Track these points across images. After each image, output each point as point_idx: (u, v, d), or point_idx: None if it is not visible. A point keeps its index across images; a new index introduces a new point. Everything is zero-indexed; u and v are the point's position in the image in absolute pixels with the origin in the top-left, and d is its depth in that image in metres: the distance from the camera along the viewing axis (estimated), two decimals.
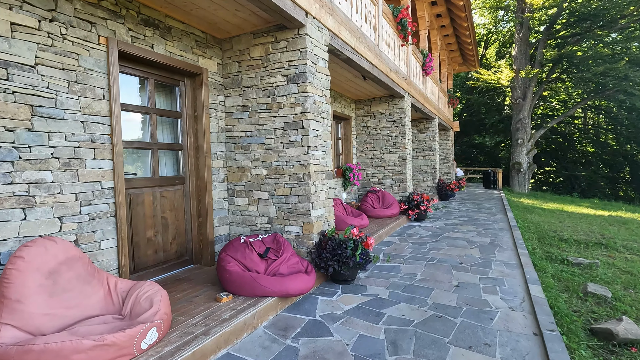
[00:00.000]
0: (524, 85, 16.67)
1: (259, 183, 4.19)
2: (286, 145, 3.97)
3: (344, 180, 7.78)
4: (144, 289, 2.57)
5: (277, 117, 4.01)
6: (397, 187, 8.16)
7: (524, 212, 9.97)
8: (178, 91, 4.02)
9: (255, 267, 3.40)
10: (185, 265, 4.06)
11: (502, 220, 7.89)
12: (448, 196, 11.97)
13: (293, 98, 3.89)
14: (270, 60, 4.02)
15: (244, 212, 4.33)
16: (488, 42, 25.99)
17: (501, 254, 5.07)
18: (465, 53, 15.53)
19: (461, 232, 6.67)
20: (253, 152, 4.21)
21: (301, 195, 3.90)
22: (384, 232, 6.20)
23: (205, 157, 4.08)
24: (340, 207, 6.67)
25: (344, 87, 7.27)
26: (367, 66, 5.56)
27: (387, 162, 8.24)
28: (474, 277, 4.11)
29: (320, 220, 4.02)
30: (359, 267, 3.83)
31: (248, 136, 4.23)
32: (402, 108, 8.00)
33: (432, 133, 11.98)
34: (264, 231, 4.20)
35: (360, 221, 6.31)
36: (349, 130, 8.26)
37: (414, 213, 7.66)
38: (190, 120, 4.10)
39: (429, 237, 6.22)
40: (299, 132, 3.88)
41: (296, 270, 3.52)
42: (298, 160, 3.90)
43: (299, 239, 3.97)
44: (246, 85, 4.21)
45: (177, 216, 3.96)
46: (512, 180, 17.62)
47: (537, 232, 6.89)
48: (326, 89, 4.21)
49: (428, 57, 9.80)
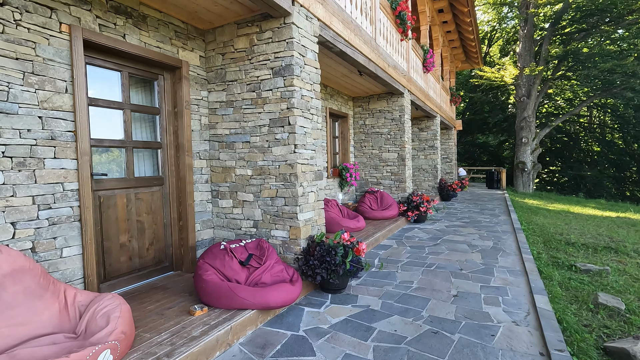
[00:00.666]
0: (529, 82, 16.29)
1: (244, 184, 3.91)
2: (272, 143, 3.69)
3: (340, 180, 7.49)
4: (103, 303, 2.30)
5: (263, 113, 3.73)
6: (396, 188, 7.86)
7: (529, 213, 9.63)
8: (156, 86, 3.75)
9: (235, 276, 3.12)
10: (165, 272, 3.80)
11: (506, 222, 7.57)
12: (450, 196, 11.65)
13: (279, 93, 3.61)
14: (255, 52, 3.74)
15: (228, 215, 4.05)
16: (492, 39, 25.56)
17: (504, 260, 4.77)
18: (468, 50, 15.18)
19: (462, 234, 6.37)
20: (237, 150, 3.93)
21: (288, 197, 3.62)
22: (380, 235, 5.90)
23: (186, 156, 3.80)
24: (335, 208, 6.39)
25: (340, 84, 6.99)
26: (362, 60, 5.27)
27: (385, 161, 7.94)
28: (475, 285, 3.81)
29: (308, 224, 3.74)
30: (350, 275, 3.54)
31: (232, 134, 3.95)
32: (402, 105, 7.70)
33: (434, 132, 11.67)
34: (249, 236, 3.92)
35: (357, 223, 6.02)
36: (346, 128, 7.97)
37: (413, 214, 7.36)
38: (169, 117, 3.82)
39: (428, 241, 5.92)
40: (285, 129, 3.60)
41: (280, 280, 3.24)
42: (284, 159, 3.62)
43: (286, 245, 3.69)
44: (230, 80, 3.93)
45: (155, 219, 3.69)
46: (516, 180, 17.25)
47: (542, 235, 6.57)
48: (316, 83, 3.93)
49: (429, 53, 9.48)
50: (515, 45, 20.85)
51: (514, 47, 21.10)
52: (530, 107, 16.28)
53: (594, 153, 23.18)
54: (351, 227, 5.92)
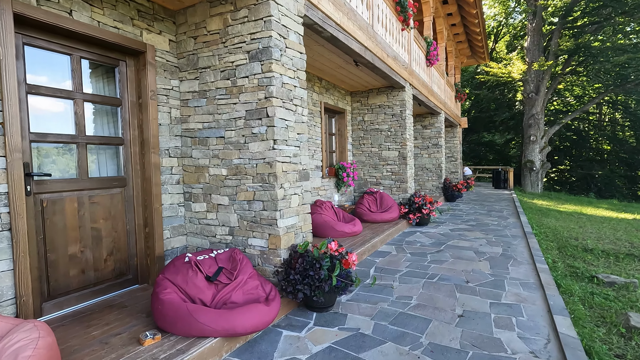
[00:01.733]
0: (537, 78, 15.66)
1: (218, 185, 3.43)
2: (249, 138, 3.21)
3: (337, 180, 7.00)
4: (16, 337, 1.83)
5: (238, 104, 3.25)
6: (397, 188, 7.35)
7: (539, 215, 9.07)
8: (117, 73, 3.28)
9: (199, 294, 2.64)
10: (127, 286, 3.33)
11: (515, 226, 7.03)
12: (455, 197, 11.11)
13: (256, 80, 3.12)
14: (230, 34, 3.25)
15: (202, 221, 3.58)
16: (498, 35, 24.88)
17: (516, 270, 4.25)
18: (474, 44, 14.59)
19: (468, 239, 5.85)
20: (211, 147, 3.45)
21: (266, 200, 3.13)
22: (378, 241, 5.40)
23: (152, 153, 3.33)
24: (330, 211, 5.89)
25: (336, 77, 6.49)
26: (357, 48, 4.76)
27: (386, 160, 7.43)
28: (483, 302, 3.30)
29: (291, 232, 3.25)
30: (338, 291, 3.05)
31: (205, 128, 3.48)
32: (403, 100, 7.18)
33: (438, 129, 11.13)
34: (224, 244, 3.44)
35: (352, 227, 5.52)
36: (343, 125, 7.47)
37: (415, 217, 6.84)
38: (133, 109, 3.35)
39: (431, 246, 5.41)
40: (262, 122, 3.11)
41: (254, 298, 2.75)
42: (262, 157, 3.13)
43: (264, 255, 3.20)
44: (203, 66, 3.45)
45: (115, 226, 3.23)
46: (523, 179, 16.63)
47: (556, 240, 6.03)
48: (300, 70, 3.43)
49: (433, 46, 8.95)
50: (523, 40, 20.19)
51: (522, 42, 20.44)
52: (539, 103, 15.65)
53: (604, 151, 22.45)
54: (346, 231, 5.43)
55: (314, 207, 5.78)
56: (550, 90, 15.98)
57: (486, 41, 14.31)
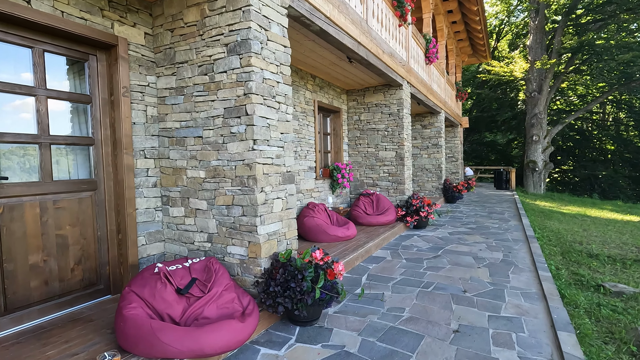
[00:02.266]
0: (540, 77, 15.37)
1: (196, 189, 3.20)
2: (227, 138, 2.97)
3: (331, 182, 6.76)
4: None
5: (216, 101, 3.01)
6: (394, 190, 7.10)
7: (541, 217, 8.80)
8: (87, 68, 3.06)
9: (167, 309, 2.41)
10: (98, 297, 3.10)
11: (517, 229, 6.77)
12: (455, 198, 10.85)
13: (234, 75, 2.89)
14: (207, 26, 3.02)
15: (179, 226, 3.35)
16: (500, 34, 24.59)
17: (517, 277, 4.00)
18: (475, 42, 14.33)
19: (467, 244, 5.59)
20: (189, 147, 3.22)
21: (246, 205, 2.90)
22: (373, 245, 5.16)
23: (125, 154, 3.10)
24: (323, 214, 5.66)
25: (330, 74, 6.25)
26: (350, 43, 4.52)
27: (382, 160, 7.18)
28: (481, 315, 3.05)
29: (273, 239, 3.01)
30: (322, 304, 2.81)
31: (183, 127, 3.24)
32: (400, 98, 6.93)
33: (438, 129, 10.88)
34: (202, 252, 3.21)
35: (346, 231, 5.28)
36: (338, 124, 7.23)
37: (412, 220, 6.59)
38: (105, 107, 3.12)
39: (428, 251, 5.16)
40: (241, 120, 2.87)
41: (229, 313, 2.52)
42: (241, 158, 2.90)
43: (244, 265, 2.97)
44: (180, 61, 3.22)
45: (84, 233, 3.00)
46: (526, 180, 16.35)
47: (559, 245, 5.77)
48: (284, 65, 3.20)
49: (432, 43, 8.70)
50: (526, 39, 19.89)
51: (524, 40, 20.13)
52: (542, 103, 15.36)
53: (608, 151, 22.10)
54: (339, 235, 5.19)
55: (306, 209, 5.55)
56: (553, 89, 15.69)
57: (488, 39, 14.04)
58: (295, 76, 5.70)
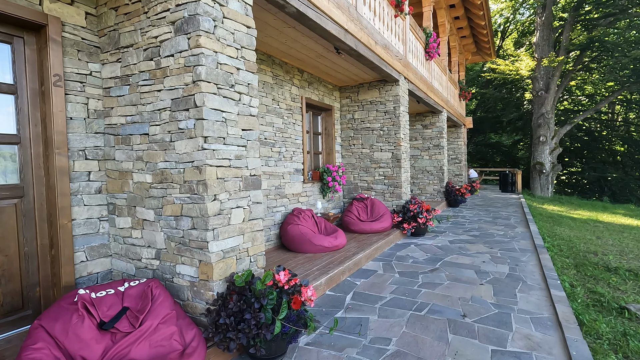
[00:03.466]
0: (547, 75, 14.76)
1: (143, 195, 2.70)
2: (175, 135, 2.47)
3: (322, 185, 6.24)
4: None
5: (163, 90, 2.52)
6: (390, 194, 6.57)
7: (550, 223, 8.21)
8: (11, 52, 2.57)
9: (82, 350, 1.90)
10: (24, 325, 2.60)
11: (524, 236, 6.20)
12: (458, 202, 10.28)
13: (182, 59, 2.39)
14: (152, 1, 2.53)
15: (127, 240, 2.85)
16: (505, 32, 23.97)
17: (526, 297, 3.45)
18: (479, 39, 13.77)
19: (469, 254, 5.04)
20: (135, 147, 2.72)
21: (195, 216, 2.39)
22: (363, 256, 4.63)
23: (57, 155, 2.61)
24: (309, 221, 5.14)
25: (318, 68, 5.74)
26: (335, 30, 4.02)
27: (378, 162, 6.65)
28: (483, 350, 2.52)
29: (230, 257, 2.50)
30: (286, 338, 2.29)
31: (129, 123, 2.75)
32: (397, 95, 6.40)
33: (440, 129, 10.33)
34: (150, 270, 2.71)
35: (333, 241, 4.75)
36: (330, 123, 6.71)
37: (410, 227, 6.05)
38: (34, 99, 2.64)
39: (425, 264, 4.62)
40: (190, 113, 2.37)
41: (164, 353, 2.01)
42: (190, 160, 2.40)
43: (195, 288, 2.46)
44: (125, 45, 2.73)
45: (5, 248, 2.51)
46: (532, 182, 15.71)
47: (572, 255, 5.20)
48: (247, 49, 2.69)
49: (432, 37, 8.16)
50: (532, 37, 19.26)
51: (530, 38, 19.51)
52: (549, 102, 14.74)
53: (618, 153, 21.35)
54: (325, 245, 4.67)
55: (291, 216, 5.03)
56: (561, 88, 15.06)
57: (492, 36, 13.47)
58: (280, 70, 5.20)
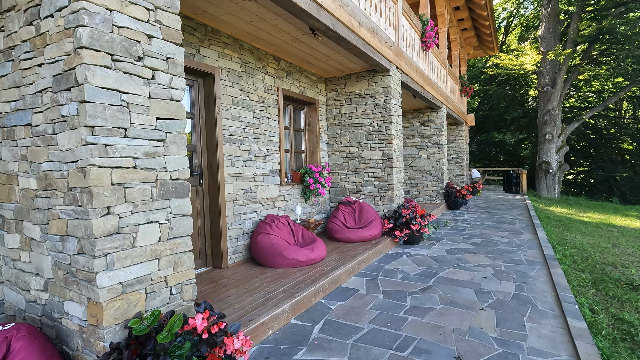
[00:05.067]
0: (553, 69, 14.00)
1: (29, 206, 2.04)
2: (58, 125, 1.81)
3: (303, 188, 5.57)
4: None
5: (44, 64, 1.86)
6: (380, 197, 5.89)
7: (560, 227, 7.49)
8: None
9: None
10: None
11: (531, 244, 5.50)
12: (459, 204, 9.57)
13: (62, 19, 1.73)
14: None
15: (16, 264, 2.19)
16: (508, 27, 23.20)
17: (537, 330, 2.77)
18: (482, 32, 13.05)
19: (469, 268, 4.36)
20: (20, 142, 2.07)
21: (82, 237, 1.73)
22: (344, 272, 3.95)
23: None
24: (284, 230, 4.47)
25: (297, 55, 5.07)
26: (303, 3, 3.34)
27: (367, 162, 5.98)
28: None
29: (135, 292, 1.83)
30: None
31: (13, 110, 2.09)
32: (387, 87, 5.72)
33: (439, 126, 9.63)
34: (39, 306, 2.05)
35: (309, 254, 4.08)
36: (314, 118, 6.04)
37: (402, 234, 5.37)
38: None
39: (416, 280, 3.94)
40: (72, 94, 1.71)
41: None
42: (73, 158, 1.74)
43: (84, 335, 1.79)
44: (7, 8, 2.07)
45: None
46: (538, 182, 14.95)
47: (588, 269, 4.49)
48: (165, 11, 2.02)
49: (429, 25, 7.47)
50: (537, 31, 18.49)
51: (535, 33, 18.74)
52: (555, 97, 13.98)
53: (626, 151, 20.52)
54: (299, 259, 4.00)
55: (262, 224, 4.37)
56: (568, 83, 14.29)
57: (495, 28, 12.74)
58: (250, 56, 4.54)
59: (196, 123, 3.99)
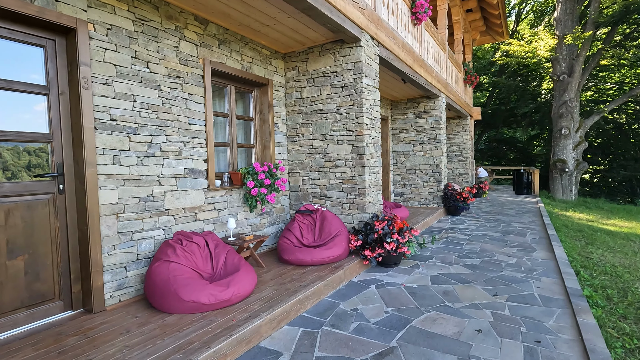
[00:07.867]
0: (570, 56, 12.45)
1: None
2: None
3: (245, 193, 4.28)
4: None
5: None
6: (350, 204, 4.58)
7: (582, 240, 6.08)
8: None
9: None
10: None
11: (547, 268, 4.13)
12: (459, 209, 8.19)
13: None
14: None
15: None
16: (520, 15, 21.55)
17: None
18: (489, 14, 11.58)
19: (457, 311, 3.03)
20: None
21: None
22: (268, 320, 2.66)
23: None
24: (197, 254, 3.18)
25: (231, 16, 3.77)
26: None
27: (333, 159, 4.67)
28: None
29: None
30: None
31: None
32: (357, 61, 4.40)
33: (436, 118, 8.26)
34: None
35: (219, 292, 2.80)
36: (266, 104, 4.74)
37: (373, 255, 4.06)
38: None
39: (376, 335, 2.63)
40: None
41: None
42: None
43: None
44: None
45: None
46: (552, 183, 13.43)
47: (631, 313, 3.12)
48: None
49: None
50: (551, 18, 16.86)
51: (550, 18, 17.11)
52: (573, 87, 12.43)
53: None
54: (203, 301, 2.72)
55: (165, 246, 3.10)
56: (587, 72, 12.71)
57: (504, 10, 11.27)
58: (153, 12, 3.26)
59: (53, 102, 2.74)
